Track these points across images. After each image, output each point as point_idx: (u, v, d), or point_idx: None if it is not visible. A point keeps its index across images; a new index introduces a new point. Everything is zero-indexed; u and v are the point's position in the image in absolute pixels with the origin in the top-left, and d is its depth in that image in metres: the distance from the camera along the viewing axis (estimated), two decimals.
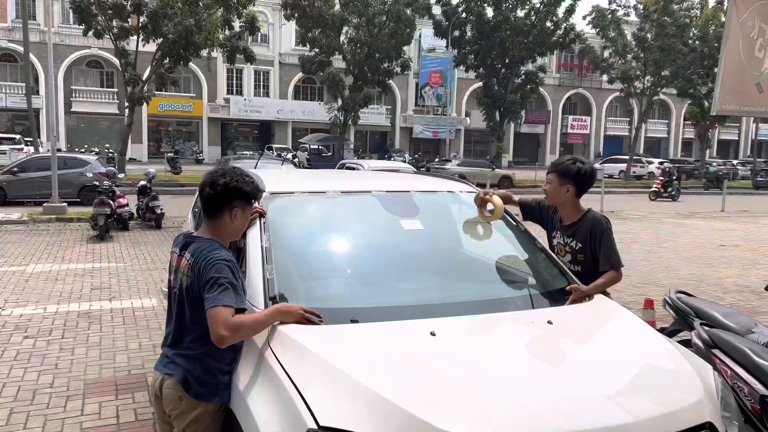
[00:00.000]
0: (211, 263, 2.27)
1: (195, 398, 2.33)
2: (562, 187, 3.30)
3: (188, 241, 2.46)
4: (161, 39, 23.24)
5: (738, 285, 8.72)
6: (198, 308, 2.31)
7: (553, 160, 3.41)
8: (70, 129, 39.48)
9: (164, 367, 2.43)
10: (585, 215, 3.34)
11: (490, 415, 1.88)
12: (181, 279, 2.40)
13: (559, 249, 3.44)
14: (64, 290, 7.57)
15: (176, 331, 2.44)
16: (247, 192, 2.45)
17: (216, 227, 2.46)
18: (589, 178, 3.34)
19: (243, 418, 2.14)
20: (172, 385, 2.37)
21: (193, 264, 2.33)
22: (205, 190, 2.43)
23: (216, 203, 2.42)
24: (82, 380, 4.79)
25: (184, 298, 2.38)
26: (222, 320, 2.17)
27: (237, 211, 2.45)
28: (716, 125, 39.91)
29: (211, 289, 2.23)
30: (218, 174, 2.44)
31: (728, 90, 4.26)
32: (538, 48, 30.96)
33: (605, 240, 3.23)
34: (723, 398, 2.30)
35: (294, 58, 38.55)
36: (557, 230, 3.46)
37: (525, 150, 52.15)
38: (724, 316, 3.77)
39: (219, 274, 2.25)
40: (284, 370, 2.10)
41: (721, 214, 19.24)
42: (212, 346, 2.30)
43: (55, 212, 14.13)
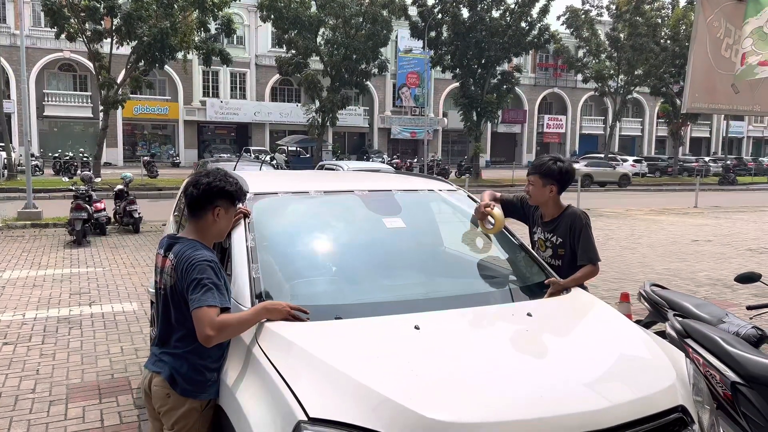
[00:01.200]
0: (194, 264, 2.31)
1: (182, 395, 2.37)
2: (545, 188, 3.37)
3: (172, 242, 2.49)
4: (136, 41, 22.95)
5: (710, 278, 8.95)
6: (182, 308, 2.36)
7: (533, 162, 3.46)
8: (43, 133, 38.85)
9: (153, 365, 2.48)
10: (565, 211, 3.43)
11: (474, 403, 1.95)
12: (166, 280, 2.44)
13: (540, 244, 3.52)
14: (43, 296, 7.50)
15: (163, 330, 2.48)
16: (230, 192, 2.50)
17: (199, 227, 2.50)
18: (571, 176, 3.43)
19: (233, 413, 2.19)
20: (160, 383, 2.41)
21: (176, 265, 2.36)
22: (189, 190, 2.48)
23: (199, 203, 2.46)
24: (64, 385, 4.77)
25: (168, 298, 2.42)
26: (208, 320, 2.22)
27: (220, 210, 2.49)
28: (688, 123, 40.71)
29: (195, 290, 2.26)
30: (202, 174, 2.50)
31: (697, 88, 4.40)
32: (514, 48, 31.22)
33: (584, 235, 3.33)
34: (695, 384, 2.40)
35: (270, 60, 38.44)
36: (538, 226, 3.55)
37: (502, 149, 52.61)
38: (696, 307, 3.90)
39: (202, 275, 2.28)
40: (272, 364, 2.15)
41: (694, 210, 19.65)
42: (198, 345, 2.34)
43: (30, 218, 13.93)
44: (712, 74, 4.21)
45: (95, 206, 12.27)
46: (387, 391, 1.95)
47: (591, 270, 3.28)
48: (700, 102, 4.44)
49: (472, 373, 2.11)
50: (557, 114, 55.03)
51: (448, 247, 3.56)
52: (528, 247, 3.43)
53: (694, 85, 4.35)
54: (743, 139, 62.39)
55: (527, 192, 3.50)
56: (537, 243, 3.55)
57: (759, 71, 3.88)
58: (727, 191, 30.86)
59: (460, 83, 32.43)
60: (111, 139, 37.19)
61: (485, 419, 1.88)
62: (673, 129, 39.55)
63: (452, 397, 1.97)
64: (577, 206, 3.55)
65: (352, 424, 1.87)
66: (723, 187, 33.11)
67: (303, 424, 1.89)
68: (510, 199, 3.71)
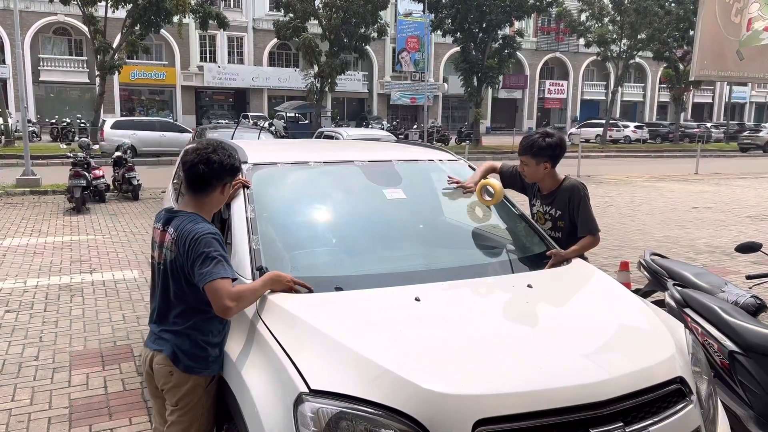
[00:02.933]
0: (198, 238, 2.26)
1: (185, 372, 2.35)
2: (539, 166, 3.32)
3: (171, 216, 2.43)
4: (131, 5, 22.56)
5: (710, 246, 8.97)
6: (182, 282, 2.33)
7: (521, 141, 3.38)
8: (39, 99, 38.46)
9: (153, 343, 2.44)
10: (562, 183, 3.40)
11: (473, 374, 1.96)
12: (165, 254, 2.39)
13: (539, 217, 3.51)
14: (44, 264, 7.52)
15: (161, 306, 2.44)
16: (237, 167, 2.50)
17: (202, 202, 2.45)
18: (562, 150, 3.36)
19: (236, 386, 2.20)
20: (162, 360, 2.38)
21: (177, 239, 2.32)
22: (198, 168, 2.38)
23: (208, 180, 2.41)
24: (67, 352, 4.82)
25: (168, 273, 2.38)
26: (225, 292, 2.19)
27: (227, 186, 2.49)
28: (691, 88, 40.29)
29: (204, 264, 2.22)
30: (209, 150, 2.42)
31: (706, 55, 4.31)
32: (516, 11, 30.62)
33: (582, 206, 3.31)
34: (693, 354, 2.42)
35: (268, 24, 37.81)
36: (537, 199, 3.53)
37: (503, 115, 52.20)
38: (695, 277, 3.91)
39: (209, 248, 2.25)
40: (274, 337, 2.16)
41: (695, 177, 19.60)
42: (197, 320, 2.34)
43: (29, 185, 13.90)
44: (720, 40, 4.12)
45: (94, 173, 12.22)
46: (387, 362, 1.96)
47: (591, 241, 3.28)
48: (708, 69, 4.36)
49: (471, 345, 2.12)
50: (559, 79, 54.42)
51: (449, 218, 3.55)
52: (528, 217, 3.42)
53: (702, 51, 4.26)
54: (746, 105, 61.89)
55: (522, 172, 3.45)
56: (536, 216, 3.54)
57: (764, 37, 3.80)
58: (728, 157, 30.72)
59: (460, 48, 31.95)
60: (108, 104, 36.81)
61: (484, 391, 1.89)
62: (676, 94, 39.17)
63: (451, 369, 1.98)
64: (577, 174, 3.52)
65: (353, 396, 1.88)
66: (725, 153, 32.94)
67: (304, 395, 1.91)
68: (510, 170, 3.68)
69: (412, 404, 1.85)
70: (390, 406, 1.85)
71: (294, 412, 1.91)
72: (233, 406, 2.20)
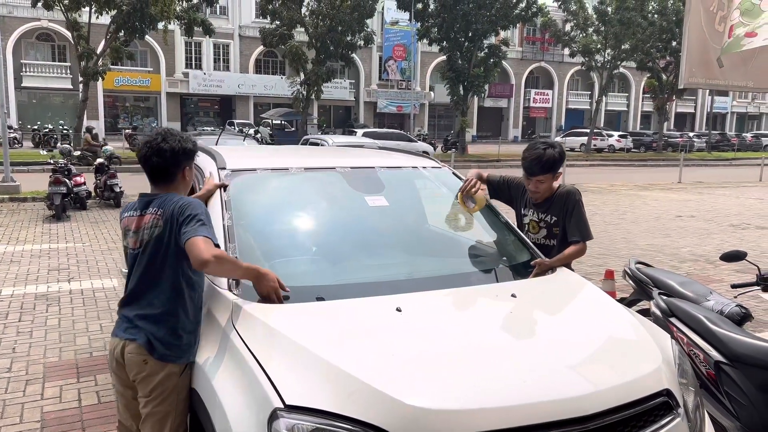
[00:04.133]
0: (187, 204, 2.32)
1: (160, 360, 2.31)
2: (552, 179, 3.29)
3: (150, 198, 2.43)
4: (115, 11, 22.37)
5: (694, 254, 9.00)
6: (168, 256, 2.32)
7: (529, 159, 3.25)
8: (22, 105, 37.96)
9: (124, 332, 2.38)
10: (558, 189, 3.36)
11: (455, 388, 1.89)
12: (146, 234, 2.36)
13: (533, 226, 3.43)
14: (20, 272, 7.35)
15: (137, 288, 2.39)
16: (191, 150, 2.51)
17: (168, 190, 2.46)
18: (564, 152, 3.37)
19: (208, 400, 2.12)
20: (135, 349, 2.33)
21: (163, 213, 2.32)
22: (152, 160, 2.41)
23: (167, 169, 2.44)
24: (41, 364, 4.68)
25: (150, 252, 2.34)
26: (205, 246, 2.19)
27: (187, 170, 2.51)
28: (674, 98, 40.71)
29: (189, 223, 2.24)
30: (157, 140, 2.43)
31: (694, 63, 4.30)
32: (501, 21, 30.83)
33: (576, 211, 3.28)
34: (680, 365, 2.37)
35: (254, 31, 37.71)
36: (529, 208, 3.45)
37: (489, 124, 52.44)
38: (681, 285, 3.88)
39: (197, 211, 2.30)
40: (249, 350, 2.08)
41: (677, 186, 19.76)
42: (174, 304, 2.32)
43: (8, 192, 13.65)
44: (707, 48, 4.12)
45: (75, 180, 12.04)
46: (365, 376, 1.89)
47: (580, 248, 3.23)
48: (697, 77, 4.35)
49: (453, 357, 2.06)
50: (544, 88, 54.83)
51: (433, 226, 3.49)
52: (513, 225, 3.37)
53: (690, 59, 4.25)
54: (727, 115, 62.72)
55: (535, 192, 3.34)
56: (529, 225, 3.46)
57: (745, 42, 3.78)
58: (710, 166, 31.05)
59: (446, 56, 32.07)
60: (92, 111, 36.44)
61: (465, 406, 1.83)
62: (659, 104, 39.57)
63: (433, 382, 1.91)
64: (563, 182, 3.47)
65: (329, 411, 1.81)
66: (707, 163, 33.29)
67: (279, 411, 1.83)
68: (497, 180, 3.61)
69: (391, 420, 1.78)
70: (368, 422, 1.78)
71: (268, 428, 1.83)
72: (205, 421, 2.11)
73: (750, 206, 14.84)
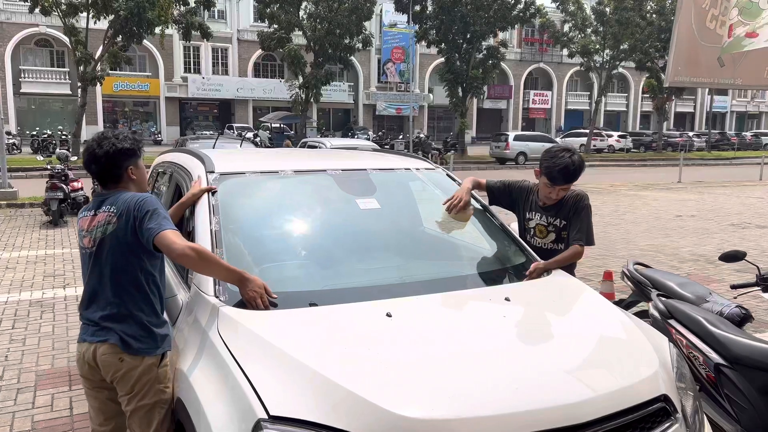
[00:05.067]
0: (143, 199, 2.30)
1: (137, 354, 2.30)
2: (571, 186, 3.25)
3: (103, 198, 2.41)
4: (112, 16, 22.36)
5: (694, 254, 8.94)
6: (125, 252, 2.30)
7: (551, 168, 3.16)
8: (21, 111, 37.94)
9: (93, 336, 2.34)
10: (568, 193, 3.29)
11: (445, 397, 1.83)
12: (99, 232, 2.33)
13: (540, 230, 3.34)
14: (15, 279, 7.30)
15: (97, 287, 2.36)
16: (130, 148, 2.43)
17: (119, 189, 2.43)
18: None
19: (193, 409, 2.06)
20: (109, 350, 2.30)
21: (117, 210, 2.31)
22: (91, 167, 2.40)
23: (109, 172, 2.40)
24: (33, 372, 4.62)
25: (106, 250, 2.32)
26: (179, 239, 2.19)
27: (132, 168, 2.45)
28: (673, 98, 40.67)
29: (152, 219, 2.23)
30: (93, 147, 2.40)
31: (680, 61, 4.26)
32: (499, 22, 30.80)
33: (585, 214, 3.23)
34: (678, 369, 2.31)
35: (253, 35, 37.69)
36: (535, 211, 3.36)
37: (488, 125, 52.36)
38: (679, 287, 3.82)
39: (155, 206, 2.29)
40: (234, 358, 2.02)
41: (677, 185, 19.69)
42: (137, 299, 2.31)
43: (6, 198, 13.61)
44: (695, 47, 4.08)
45: (72, 185, 11.95)
46: (353, 385, 1.83)
47: (579, 251, 3.18)
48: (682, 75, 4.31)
49: (444, 364, 2.00)
50: (543, 89, 54.78)
51: (428, 228, 3.43)
52: (508, 227, 3.30)
53: (677, 57, 4.21)
54: (726, 114, 62.64)
55: (549, 196, 3.26)
56: (535, 229, 3.36)
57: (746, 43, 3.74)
58: (710, 166, 30.99)
59: (445, 58, 32.04)
60: (91, 116, 36.42)
61: (456, 415, 1.77)
62: (658, 104, 39.53)
63: (422, 391, 1.85)
64: None
65: (315, 422, 1.75)
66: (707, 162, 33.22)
67: (263, 422, 1.77)
68: (497, 186, 3.51)
69: (377, 430, 1.72)
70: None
71: None
72: (189, 430, 2.05)
73: (750, 205, 14.78)
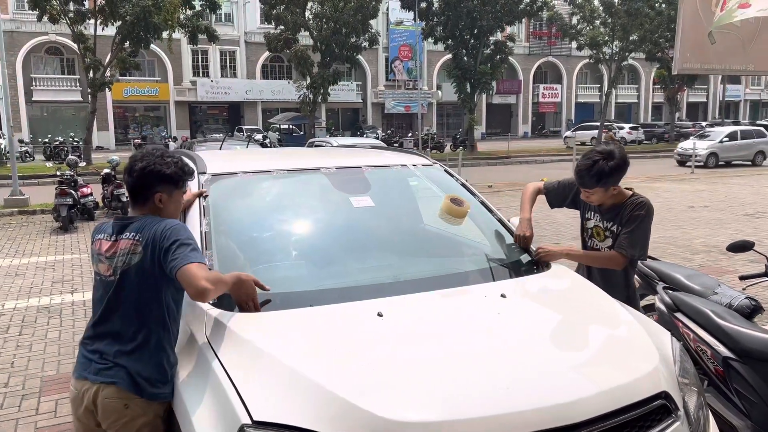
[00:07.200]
0: (169, 228, 2.12)
1: (150, 399, 2.11)
2: (607, 192, 2.99)
3: (126, 222, 2.22)
4: (119, 22, 22.52)
5: (706, 245, 8.79)
6: (151, 287, 2.12)
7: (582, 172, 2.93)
8: (33, 119, 38.31)
9: (97, 375, 2.11)
10: (629, 198, 3.09)
11: (435, 398, 1.78)
12: (122, 261, 2.14)
13: (597, 232, 3.19)
14: (24, 285, 7.34)
15: (115, 319, 2.15)
16: (168, 175, 2.23)
17: (145, 213, 2.26)
18: (627, 165, 3.00)
19: (181, 416, 2.02)
20: (114, 393, 2.08)
21: (143, 239, 2.12)
22: (125, 177, 2.26)
23: (139, 191, 2.24)
24: (39, 378, 4.63)
25: (129, 281, 2.13)
26: (203, 273, 2.02)
27: (162, 196, 2.24)
28: (684, 88, 40.20)
29: (179, 250, 2.06)
30: (136, 158, 2.25)
31: (687, 48, 4.16)
32: (506, 17, 30.60)
33: (639, 224, 3.01)
34: (680, 364, 2.24)
35: (260, 37, 37.76)
36: (594, 212, 3.20)
37: (498, 121, 52.15)
38: (687, 279, 3.73)
39: (183, 236, 2.11)
40: (220, 361, 1.98)
41: (690, 176, 19.44)
42: (160, 335, 2.13)
43: (17, 205, 13.73)
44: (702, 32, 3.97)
45: (81, 191, 12.05)
46: (338, 388, 1.78)
47: (616, 258, 3.00)
48: (691, 62, 4.20)
49: (434, 364, 1.94)
50: (552, 83, 54.40)
51: (427, 225, 3.37)
52: (507, 221, 3.23)
53: (684, 44, 4.10)
54: (740, 103, 61.83)
55: (587, 199, 3.08)
56: (593, 231, 3.21)
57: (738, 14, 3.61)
58: None
59: (452, 54, 31.90)
60: (102, 122, 36.73)
61: (445, 417, 1.71)
62: (670, 94, 39.10)
63: (411, 393, 1.79)
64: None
65: (299, 427, 1.70)
66: None
67: (246, 428, 1.73)
68: (555, 188, 3.35)
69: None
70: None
71: None
72: None
73: (765, 195, 14.54)
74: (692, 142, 24.53)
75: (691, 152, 22.57)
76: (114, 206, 12.84)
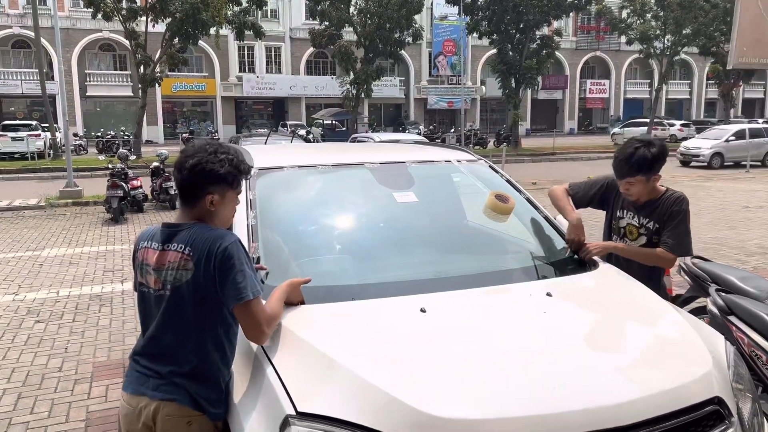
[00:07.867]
0: (224, 247, 1.94)
1: (213, 419, 2.01)
2: (649, 182, 2.95)
3: (172, 231, 2.04)
4: (169, 19, 23.08)
5: (762, 247, 8.47)
6: (207, 306, 1.98)
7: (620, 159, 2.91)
8: (87, 113, 39.66)
9: (156, 390, 1.98)
10: (664, 194, 3.05)
11: (477, 396, 1.76)
12: (172, 276, 1.99)
13: (630, 230, 3.12)
14: (77, 274, 7.61)
15: (168, 337, 2.01)
16: (221, 175, 2.02)
17: (196, 216, 2.06)
18: (666, 151, 2.98)
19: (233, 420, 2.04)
20: (176, 411, 1.96)
21: (194, 254, 1.95)
22: (176, 175, 2.06)
23: (189, 190, 2.04)
24: (90, 363, 4.80)
25: (183, 300, 1.98)
26: (264, 316, 1.96)
27: (214, 198, 2.04)
28: (740, 83, 38.73)
29: (236, 279, 1.92)
30: (187, 154, 2.05)
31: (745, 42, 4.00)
32: (553, 11, 30.02)
33: (681, 219, 2.96)
34: (735, 369, 2.16)
35: (305, 33, 38.10)
36: (627, 210, 3.14)
37: (543, 117, 51.29)
38: (741, 281, 3.59)
39: (238, 260, 1.94)
40: (266, 354, 2.01)
41: (745, 176, 18.73)
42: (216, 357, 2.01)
43: (72, 196, 14.25)
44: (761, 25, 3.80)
45: (131, 184, 12.43)
46: (381, 382, 1.78)
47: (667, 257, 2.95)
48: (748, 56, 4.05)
49: (477, 362, 1.92)
50: (600, 78, 53.18)
51: (471, 222, 3.34)
52: (552, 218, 3.17)
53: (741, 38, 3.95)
54: None
55: (626, 192, 3.03)
56: (625, 229, 3.14)
57: None
58: None
59: (497, 49, 31.50)
60: (151, 116, 37.72)
61: (489, 416, 1.69)
62: (724, 90, 37.79)
63: (453, 390, 1.78)
64: None
65: (342, 419, 1.71)
66: None
67: (291, 418, 1.74)
68: (581, 188, 3.31)
69: (407, 429, 1.66)
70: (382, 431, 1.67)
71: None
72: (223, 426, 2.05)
73: None
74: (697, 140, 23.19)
75: (694, 152, 21.44)
76: (162, 198, 13.22)
